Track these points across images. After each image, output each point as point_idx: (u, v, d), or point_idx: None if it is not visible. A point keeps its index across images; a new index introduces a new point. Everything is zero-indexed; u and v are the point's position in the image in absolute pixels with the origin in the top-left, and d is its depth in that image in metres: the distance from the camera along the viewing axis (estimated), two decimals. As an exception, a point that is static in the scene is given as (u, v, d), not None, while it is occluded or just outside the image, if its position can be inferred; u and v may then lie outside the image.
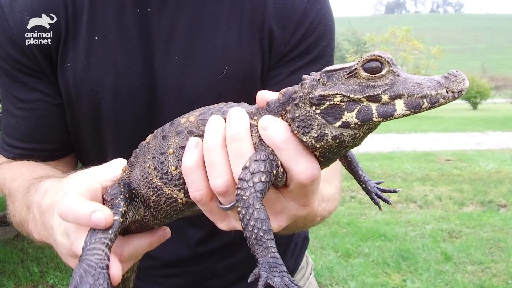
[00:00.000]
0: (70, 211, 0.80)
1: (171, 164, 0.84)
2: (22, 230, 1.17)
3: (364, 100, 0.72)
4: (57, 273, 5.62)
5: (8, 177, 1.26)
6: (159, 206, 0.88)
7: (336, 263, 5.73)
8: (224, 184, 0.77)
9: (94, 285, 0.72)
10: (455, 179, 10.05)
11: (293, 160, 0.76)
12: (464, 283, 5.11)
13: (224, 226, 0.86)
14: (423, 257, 5.83)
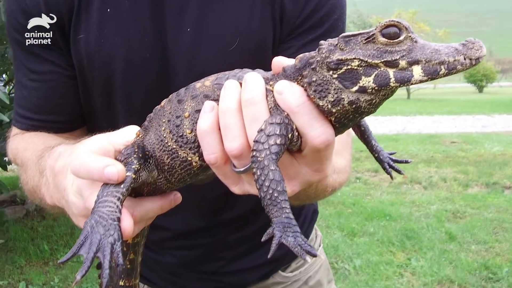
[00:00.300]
0: (83, 166, 0.81)
1: (186, 127, 0.85)
2: (34, 197, 1.18)
3: (381, 65, 0.72)
4: (66, 250, 5.70)
5: (20, 147, 1.28)
6: (173, 169, 0.89)
7: (341, 241, 5.80)
8: (239, 147, 0.77)
9: (104, 235, 0.73)
10: (460, 161, 10.08)
11: (308, 125, 0.76)
12: (468, 262, 5.18)
13: (237, 190, 0.87)
14: (428, 237, 5.90)
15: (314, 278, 1.53)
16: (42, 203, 1.13)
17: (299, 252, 0.70)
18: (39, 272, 5.18)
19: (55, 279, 4.98)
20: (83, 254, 0.71)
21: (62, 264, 5.34)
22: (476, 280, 4.80)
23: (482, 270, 5.01)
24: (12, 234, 6.16)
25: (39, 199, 1.13)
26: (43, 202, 1.08)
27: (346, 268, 5.15)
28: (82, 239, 0.72)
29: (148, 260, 1.43)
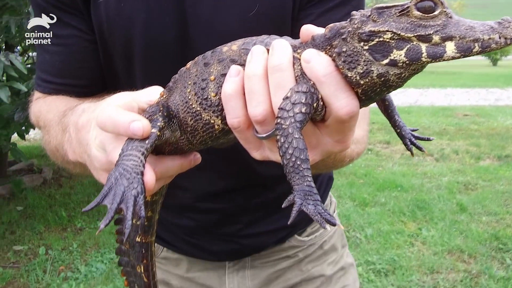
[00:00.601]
0: (109, 119, 0.81)
1: (211, 90, 0.85)
2: (56, 156, 1.18)
3: (414, 39, 0.71)
4: (84, 217, 5.84)
5: (43, 110, 1.30)
6: (196, 131, 0.89)
7: (353, 211, 5.88)
8: (263, 113, 0.77)
9: (128, 187, 0.73)
10: (473, 133, 10.06)
11: (333, 95, 0.75)
12: (479, 233, 5.24)
13: (258, 156, 0.87)
14: (439, 208, 5.96)
15: (329, 243, 1.58)
16: (64, 162, 1.14)
17: (319, 220, 0.71)
18: (58, 237, 5.32)
19: (74, 244, 5.12)
20: (107, 205, 0.72)
21: (86, 212, 5.48)
22: (486, 250, 4.86)
23: (493, 241, 5.07)
24: (30, 202, 6.30)
25: (61, 157, 1.13)
26: (65, 159, 1.08)
27: (358, 236, 5.23)
28: (106, 190, 0.74)
29: (168, 223, 1.48)
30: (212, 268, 1.51)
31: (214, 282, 1.51)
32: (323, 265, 1.55)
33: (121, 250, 1.10)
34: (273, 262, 1.51)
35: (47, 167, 7.68)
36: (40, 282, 4.45)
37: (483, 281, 4.28)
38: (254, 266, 1.51)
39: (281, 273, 1.52)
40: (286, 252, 1.51)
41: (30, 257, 4.91)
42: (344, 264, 1.60)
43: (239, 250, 1.48)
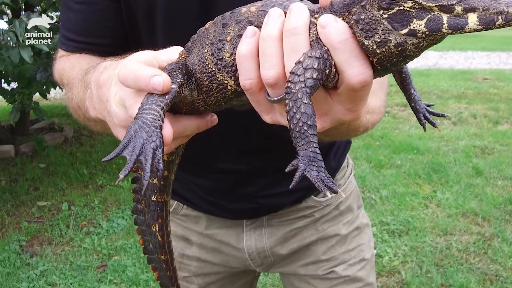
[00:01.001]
0: (131, 73, 0.81)
1: (226, 50, 0.84)
2: (78, 114, 1.19)
3: (435, 9, 0.68)
4: (105, 174, 5.98)
5: (66, 67, 1.31)
6: (210, 91, 0.89)
7: (368, 172, 5.93)
8: (275, 76, 0.76)
9: (147, 140, 0.73)
10: (492, 98, 9.96)
11: (347, 62, 0.74)
12: (494, 196, 5.28)
13: (268, 119, 0.87)
14: (454, 171, 5.98)
15: (345, 203, 1.61)
16: (86, 119, 1.15)
17: (320, 187, 0.71)
18: (80, 194, 5.47)
19: (95, 200, 5.26)
20: (126, 156, 0.72)
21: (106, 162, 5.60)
22: (500, 214, 4.91)
23: (507, 205, 5.11)
24: (52, 159, 6.45)
25: (83, 114, 1.14)
26: (87, 116, 1.09)
27: (373, 198, 5.30)
28: (125, 141, 0.74)
29: (187, 182, 1.52)
30: (230, 226, 1.56)
31: (232, 239, 1.57)
32: (339, 225, 1.60)
33: (137, 209, 1.12)
34: (289, 221, 1.56)
35: (68, 126, 7.81)
36: (64, 236, 4.62)
37: (496, 244, 4.35)
38: (271, 225, 1.56)
39: (297, 232, 1.57)
40: (302, 212, 1.55)
41: (53, 213, 5.08)
42: (359, 224, 1.64)
43: (257, 209, 1.52)
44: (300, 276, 1.62)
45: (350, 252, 1.60)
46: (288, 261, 1.62)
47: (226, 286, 1.69)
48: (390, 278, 3.88)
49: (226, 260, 1.61)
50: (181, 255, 1.63)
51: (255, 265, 1.61)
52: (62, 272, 4.01)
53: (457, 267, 4.00)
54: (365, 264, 1.62)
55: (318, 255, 1.59)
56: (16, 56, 3.81)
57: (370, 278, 1.63)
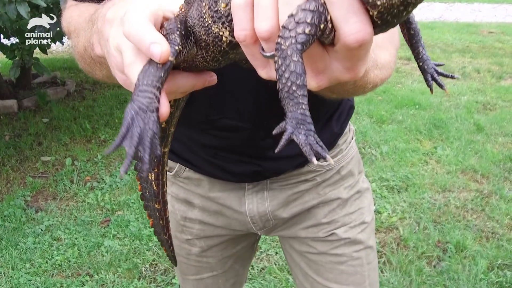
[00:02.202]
0: (134, 32, 0.79)
1: (222, 1, 0.80)
2: (84, 58, 1.15)
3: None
4: (107, 129, 6.01)
5: (74, 15, 1.28)
6: (207, 46, 0.85)
7: (369, 128, 5.95)
8: (268, 29, 0.71)
9: (144, 129, 0.72)
10: (496, 52, 9.84)
11: (344, 18, 0.67)
12: (494, 153, 5.31)
13: (264, 74, 0.82)
14: (456, 127, 5.99)
15: (346, 168, 1.62)
16: (92, 62, 1.12)
17: (307, 152, 0.67)
18: (83, 149, 5.52)
19: (98, 156, 5.32)
20: (126, 147, 0.72)
21: (107, 155, 5.67)
22: (500, 171, 4.96)
23: (507, 162, 5.15)
24: (55, 113, 6.47)
25: (89, 57, 1.10)
26: (93, 56, 1.06)
27: (373, 153, 5.34)
28: (124, 131, 0.73)
29: (191, 143, 1.52)
30: (231, 189, 1.58)
31: (234, 203, 1.59)
32: (340, 189, 1.61)
33: (137, 156, 1.13)
34: (291, 185, 1.58)
35: (70, 79, 7.79)
36: (68, 191, 4.70)
37: (493, 201, 4.41)
38: (272, 188, 1.57)
39: (299, 196, 1.59)
40: (304, 176, 1.57)
41: (57, 168, 5.14)
42: (360, 188, 1.66)
43: (260, 172, 1.53)
44: (301, 239, 1.65)
45: (351, 215, 1.63)
46: (289, 225, 1.64)
47: (227, 249, 1.73)
48: (388, 234, 3.96)
49: (228, 223, 1.64)
50: (183, 218, 1.66)
51: (257, 228, 1.64)
52: (67, 227, 4.10)
53: (454, 224, 4.08)
54: (365, 227, 1.65)
55: (319, 218, 1.61)
56: (13, 12, 3.77)
57: (370, 241, 1.66)
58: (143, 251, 3.79)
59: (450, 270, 3.53)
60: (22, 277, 3.52)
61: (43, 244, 3.89)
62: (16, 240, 3.93)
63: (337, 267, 1.63)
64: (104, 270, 3.59)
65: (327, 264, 1.64)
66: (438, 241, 3.88)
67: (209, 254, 1.71)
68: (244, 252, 1.81)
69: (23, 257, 3.73)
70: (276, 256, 3.73)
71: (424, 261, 3.65)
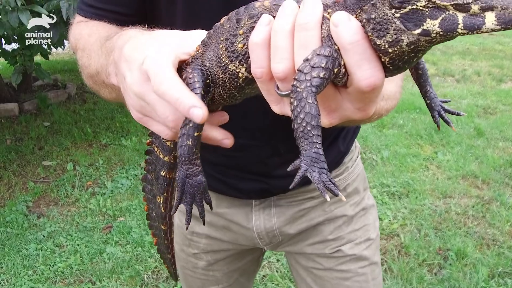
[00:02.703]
0: (169, 93, 0.81)
1: (239, 42, 0.83)
2: (95, 80, 1.17)
3: (450, 8, 0.64)
4: (108, 133, 6.03)
5: (84, 33, 1.30)
6: (224, 84, 0.89)
7: (370, 132, 5.97)
8: (284, 70, 0.75)
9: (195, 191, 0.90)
10: (497, 54, 9.87)
11: (357, 64, 0.72)
12: (494, 158, 5.32)
13: (277, 110, 0.85)
14: (456, 132, 6.01)
15: (352, 186, 1.65)
16: (103, 85, 1.14)
17: (320, 189, 0.71)
18: (84, 153, 5.53)
19: (100, 160, 5.33)
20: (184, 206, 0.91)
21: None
22: (500, 177, 4.97)
23: (507, 167, 5.17)
24: (56, 117, 6.48)
25: (101, 81, 1.12)
26: (106, 82, 1.08)
27: (374, 158, 5.36)
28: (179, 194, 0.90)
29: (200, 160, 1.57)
30: (239, 205, 1.60)
31: (241, 219, 1.61)
32: (346, 206, 1.64)
33: (147, 178, 1.17)
34: (298, 202, 1.60)
35: (71, 82, 7.81)
36: (70, 196, 4.71)
37: (494, 208, 4.43)
38: (279, 205, 1.60)
39: (305, 213, 1.61)
40: (311, 193, 1.59)
41: (59, 172, 5.15)
42: (365, 205, 1.69)
43: (267, 190, 1.55)
44: (307, 255, 1.67)
45: (356, 232, 1.65)
46: (295, 240, 1.67)
47: (233, 262, 1.75)
48: (389, 241, 3.97)
49: (235, 238, 1.66)
50: (191, 233, 1.68)
51: (263, 243, 1.66)
52: (69, 234, 4.12)
53: (455, 231, 4.09)
54: (371, 244, 1.68)
55: (325, 235, 1.64)
56: (15, 20, 3.79)
57: (375, 257, 1.68)
58: (145, 258, 3.80)
59: (451, 278, 3.54)
60: (24, 284, 3.53)
61: (45, 250, 3.90)
62: (19, 246, 3.94)
63: (343, 282, 1.65)
64: (106, 278, 3.60)
65: (333, 280, 1.66)
66: (439, 248, 3.89)
67: (216, 267, 1.73)
68: (250, 266, 1.83)
69: (25, 264, 3.75)
70: (278, 263, 3.75)
71: (425, 269, 3.66)
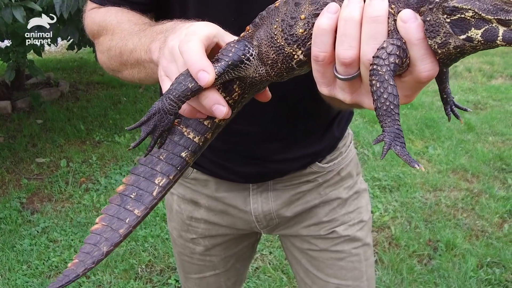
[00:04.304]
0: (187, 54, 0.89)
1: (299, 27, 0.89)
2: (126, 59, 1.21)
3: (494, 21, 0.73)
4: (102, 130, 6.06)
5: (112, 19, 1.32)
6: (275, 63, 0.95)
7: (362, 128, 6.03)
8: (352, 56, 0.81)
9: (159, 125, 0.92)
10: (487, 51, 9.89)
11: (421, 58, 0.80)
12: (484, 152, 5.39)
13: (326, 91, 0.91)
14: (447, 126, 6.08)
15: (346, 170, 1.70)
16: (132, 68, 1.21)
17: (407, 160, 0.78)
18: (78, 150, 5.55)
19: (93, 157, 5.36)
20: (142, 130, 0.91)
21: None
22: (489, 170, 5.03)
23: (497, 161, 5.23)
24: (49, 115, 6.50)
25: (134, 60, 1.18)
26: (143, 59, 1.13)
27: (365, 153, 5.41)
28: (145, 118, 0.91)
29: None
30: (237, 189, 1.65)
31: (239, 202, 1.65)
32: (340, 189, 1.69)
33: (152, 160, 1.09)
34: (294, 186, 1.65)
35: (63, 80, 7.82)
36: (63, 193, 4.73)
37: (483, 200, 4.49)
38: (276, 189, 1.64)
39: (301, 196, 1.66)
40: (306, 177, 1.64)
41: (52, 169, 5.17)
42: (358, 189, 1.74)
43: (265, 174, 1.60)
44: (303, 237, 1.73)
45: (350, 214, 1.71)
46: (291, 223, 1.72)
47: (230, 248, 1.79)
48: (380, 233, 4.03)
49: (233, 222, 1.71)
50: (189, 218, 1.72)
51: (261, 227, 1.71)
52: (63, 229, 4.14)
53: (444, 222, 4.15)
54: (363, 226, 1.73)
55: (320, 217, 1.69)
56: (9, 16, 3.81)
57: (367, 238, 1.74)
58: (139, 252, 3.84)
59: (440, 268, 3.60)
60: (19, 279, 3.56)
61: (39, 246, 3.93)
62: (13, 242, 3.96)
63: (337, 263, 1.71)
64: (100, 271, 3.63)
65: (327, 260, 1.72)
66: (429, 239, 3.95)
67: (213, 253, 1.78)
68: (245, 252, 1.88)
69: (20, 259, 3.77)
70: (270, 255, 3.79)
71: (415, 260, 3.72)
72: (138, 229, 4.07)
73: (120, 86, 7.71)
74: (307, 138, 1.58)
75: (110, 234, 0.97)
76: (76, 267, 0.94)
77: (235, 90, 1.02)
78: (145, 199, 1.01)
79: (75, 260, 0.95)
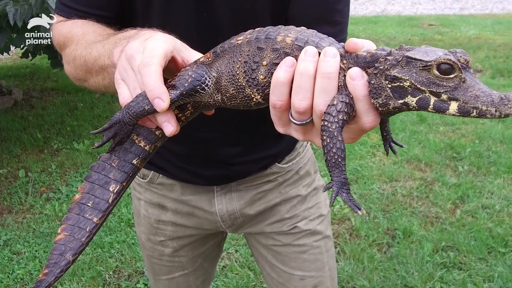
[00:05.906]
0: (145, 76, 0.96)
1: (261, 73, 0.99)
2: (91, 67, 1.24)
3: (427, 92, 0.84)
4: (59, 138, 5.98)
5: (77, 31, 1.36)
6: (234, 98, 1.05)
7: (319, 125, 6.14)
8: (305, 107, 0.92)
9: (119, 133, 1.02)
10: (436, 44, 10.27)
11: (365, 112, 0.90)
12: (436, 142, 5.61)
13: (282, 130, 1.02)
14: (400, 119, 6.28)
15: (304, 169, 1.81)
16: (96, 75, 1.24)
17: (351, 206, 0.91)
18: (36, 159, 5.48)
19: (52, 165, 5.30)
20: (105, 135, 1.02)
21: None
22: (441, 159, 5.26)
23: (448, 150, 5.46)
24: (3, 124, 6.36)
25: (98, 67, 1.21)
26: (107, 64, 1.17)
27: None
28: (107, 126, 1.01)
29: (164, 152, 1.65)
30: (202, 192, 1.73)
31: (204, 204, 1.73)
32: (299, 187, 1.80)
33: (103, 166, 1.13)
34: (256, 186, 1.74)
35: (16, 88, 7.66)
36: (24, 204, 4.67)
37: (436, 188, 4.69)
38: (239, 190, 1.73)
39: (263, 195, 1.76)
40: (267, 177, 1.74)
41: (10, 180, 5.09)
42: (316, 185, 1.85)
43: (228, 176, 1.69)
44: (267, 234, 1.82)
45: (310, 210, 1.82)
46: (255, 221, 1.81)
47: (197, 248, 1.87)
48: (341, 225, 4.16)
49: (199, 223, 1.78)
50: (157, 221, 1.79)
51: (226, 226, 1.79)
52: (26, 240, 4.10)
53: (401, 211, 4.32)
54: (323, 219, 1.85)
55: (282, 214, 1.79)
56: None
57: (327, 231, 1.86)
58: (106, 258, 3.85)
59: (399, 255, 3.76)
60: (-17, 292, 3.52)
61: (2, 259, 3.88)
62: (-26, 256, 3.91)
63: (300, 256, 1.81)
64: (68, 281, 3.63)
65: (291, 254, 1.82)
66: (387, 228, 4.11)
67: (181, 253, 1.85)
68: (212, 251, 1.96)
69: (-17, 272, 3.72)
70: (237, 254, 3.87)
71: (375, 248, 3.87)
72: (103, 235, 4.08)
73: (76, 92, 7.61)
74: (266, 141, 1.67)
75: (73, 243, 1.03)
76: (46, 276, 1.02)
77: (188, 109, 1.10)
78: (102, 206, 1.06)
79: (45, 270, 1.03)
